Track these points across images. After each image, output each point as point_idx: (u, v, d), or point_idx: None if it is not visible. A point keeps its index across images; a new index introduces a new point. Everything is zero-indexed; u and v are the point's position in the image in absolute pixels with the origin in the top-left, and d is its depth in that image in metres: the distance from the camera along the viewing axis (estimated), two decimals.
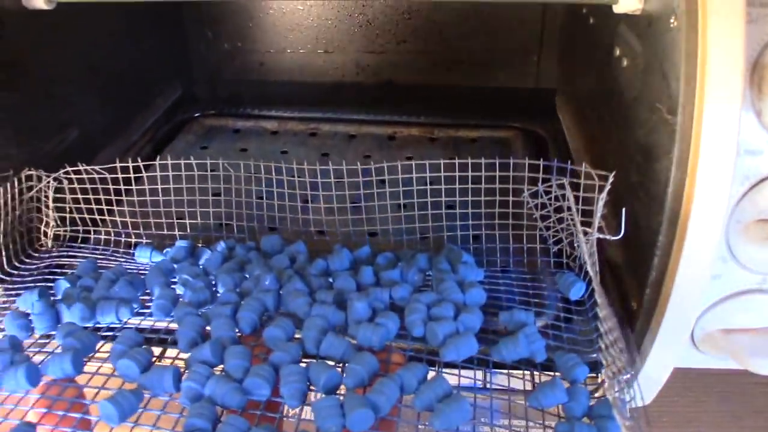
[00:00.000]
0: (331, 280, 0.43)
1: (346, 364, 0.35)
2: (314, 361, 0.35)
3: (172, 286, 0.43)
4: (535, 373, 0.38)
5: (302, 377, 0.33)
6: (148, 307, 0.41)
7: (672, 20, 0.35)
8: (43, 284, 0.45)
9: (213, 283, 0.43)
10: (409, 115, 0.71)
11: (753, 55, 0.36)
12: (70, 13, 0.45)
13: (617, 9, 0.39)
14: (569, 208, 0.43)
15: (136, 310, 0.42)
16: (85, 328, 0.40)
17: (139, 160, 0.48)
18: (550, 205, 0.45)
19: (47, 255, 0.50)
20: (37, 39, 0.53)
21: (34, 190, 0.49)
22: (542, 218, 0.46)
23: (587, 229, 0.41)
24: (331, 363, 0.35)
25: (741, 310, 0.44)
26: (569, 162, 0.43)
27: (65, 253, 0.50)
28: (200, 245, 0.49)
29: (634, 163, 0.43)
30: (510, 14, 0.75)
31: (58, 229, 0.51)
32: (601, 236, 0.40)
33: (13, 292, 0.45)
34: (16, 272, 0.47)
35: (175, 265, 0.45)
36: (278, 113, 0.73)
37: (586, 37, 0.62)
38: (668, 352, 0.41)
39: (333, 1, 0.75)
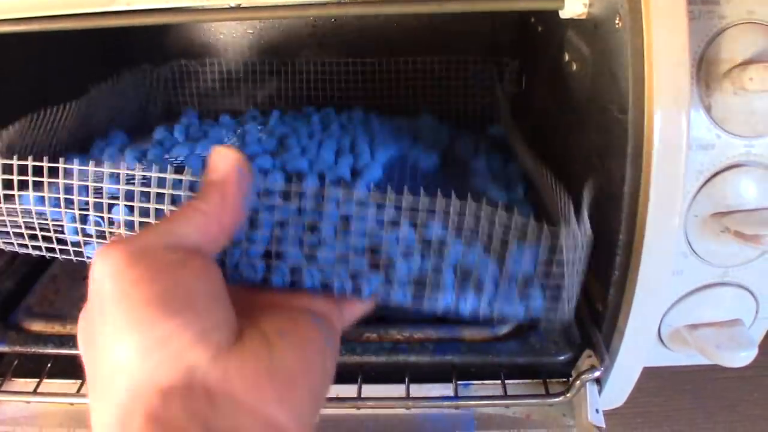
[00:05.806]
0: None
1: None
2: None
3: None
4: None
5: None
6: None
7: (617, 21, 0.36)
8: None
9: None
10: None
11: (698, 52, 0.36)
12: (16, 48, 0.45)
13: (563, 14, 0.40)
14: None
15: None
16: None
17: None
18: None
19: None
20: None
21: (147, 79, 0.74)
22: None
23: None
24: None
25: (705, 305, 0.44)
26: None
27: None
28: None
29: (591, 165, 0.43)
30: (460, 27, 0.76)
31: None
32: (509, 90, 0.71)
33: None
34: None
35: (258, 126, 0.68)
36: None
37: (536, 46, 0.63)
38: (637, 351, 0.41)
39: (282, 20, 0.75)
